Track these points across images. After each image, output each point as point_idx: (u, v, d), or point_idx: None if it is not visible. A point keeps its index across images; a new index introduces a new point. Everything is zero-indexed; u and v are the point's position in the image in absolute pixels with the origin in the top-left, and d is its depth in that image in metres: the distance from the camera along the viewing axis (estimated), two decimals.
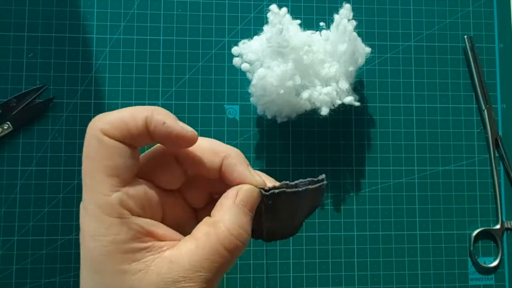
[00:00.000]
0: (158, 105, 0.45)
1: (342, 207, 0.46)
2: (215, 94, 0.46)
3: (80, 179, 0.44)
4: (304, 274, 0.45)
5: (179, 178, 0.28)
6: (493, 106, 0.48)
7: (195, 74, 0.46)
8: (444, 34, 0.49)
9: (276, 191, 0.28)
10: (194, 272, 0.24)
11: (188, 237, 0.25)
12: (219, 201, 0.27)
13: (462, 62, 0.49)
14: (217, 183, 0.28)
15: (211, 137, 0.45)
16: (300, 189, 0.28)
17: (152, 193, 0.26)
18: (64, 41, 0.45)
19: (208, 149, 0.28)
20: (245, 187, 0.27)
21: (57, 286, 0.43)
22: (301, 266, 0.45)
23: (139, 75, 0.46)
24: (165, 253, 0.24)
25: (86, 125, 0.26)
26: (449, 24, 0.49)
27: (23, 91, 0.44)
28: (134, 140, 0.25)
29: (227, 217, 0.25)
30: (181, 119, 0.45)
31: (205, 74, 0.46)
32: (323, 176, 0.28)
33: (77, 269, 0.43)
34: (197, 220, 0.28)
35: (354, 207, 0.46)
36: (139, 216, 0.25)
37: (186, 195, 0.29)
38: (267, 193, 0.27)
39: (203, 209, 0.30)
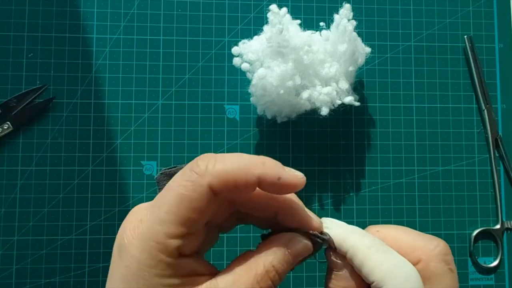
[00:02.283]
0: (158, 105, 0.45)
1: (342, 207, 0.46)
2: (215, 94, 0.46)
3: (80, 179, 0.44)
4: (304, 274, 0.45)
5: (226, 215, 0.28)
6: (493, 106, 0.48)
7: (195, 74, 0.46)
8: (444, 34, 0.49)
9: (318, 238, 0.28)
10: None
11: (225, 270, 0.26)
12: (271, 238, 0.27)
13: (462, 62, 0.49)
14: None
15: (211, 137, 0.45)
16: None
17: (203, 235, 0.26)
18: (64, 41, 0.45)
19: (264, 193, 0.27)
20: (302, 241, 0.27)
21: (57, 286, 0.43)
22: (301, 266, 0.45)
23: (139, 75, 0.46)
24: (203, 285, 0.24)
25: (86, 125, 0.26)
26: (449, 24, 0.49)
27: (23, 91, 0.44)
28: (233, 195, 0.25)
29: (270, 259, 0.25)
30: (181, 119, 0.46)
31: (205, 74, 0.46)
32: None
33: (77, 269, 0.43)
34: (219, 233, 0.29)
35: (354, 207, 0.46)
36: (187, 256, 0.25)
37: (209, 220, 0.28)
38: (319, 244, 0.28)
39: (228, 227, 0.30)
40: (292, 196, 0.28)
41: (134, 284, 0.24)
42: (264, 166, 0.24)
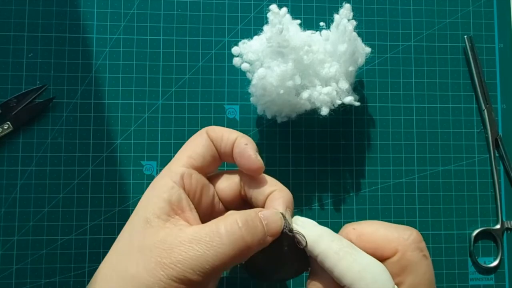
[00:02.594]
0: (158, 105, 0.45)
1: (342, 207, 0.46)
2: (215, 94, 0.46)
3: (80, 179, 0.44)
4: (304, 274, 0.45)
5: (236, 191, 0.35)
6: (493, 106, 0.48)
7: (195, 74, 0.46)
8: (444, 34, 0.49)
9: (296, 233, 0.31)
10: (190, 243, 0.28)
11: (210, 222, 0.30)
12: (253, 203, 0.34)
13: (462, 62, 0.49)
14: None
15: None
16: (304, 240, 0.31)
17: (206, 188, 0.34)
18: (64, 41, 0.45)
19: (268, 180, 0.35)
20: (276, 213, 0.31)
21: (57, 286, 0.43)
22: None
23: (139, 75, 0.46)
24: (187, 228, 0.29)
25: (86, 125, 0.27)
26: (449, 24, 0.49)
27: (23, 91, 0.44)
28: (220, 147, 0.34)
29: (238, 215, 0.30)
30: (181, 119, 0.46)
31: (205, 74, 0.46)
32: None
33: (77, 269, 0.43)
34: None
35: (354, 207, 0.46)
36: (185, 191, 0.31)
37: (218, 187, 0.36)
38: (288, 231, 0.31)
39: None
40: (285, 193, 0.34)
41: (139, 208, 0.31)
42: (242, 135, 0.34)
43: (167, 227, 0.29)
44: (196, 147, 0.33)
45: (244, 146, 0.33)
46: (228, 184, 0.35)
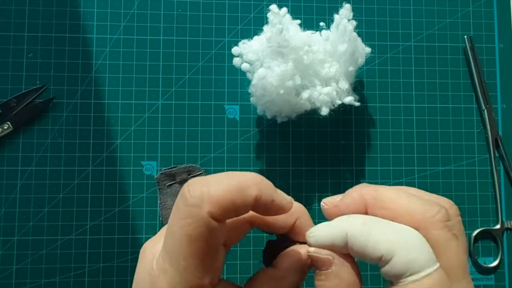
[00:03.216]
0: (158, 105, 0.45)
1: None
2: (215, 94, 0.46)
3: (80, 179, 0.44)
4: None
5: (244, 235, 0.28)
6: (493, 106, 0.48)
7: (195, 74, 0.46)
8: (444, 34, 0.49)
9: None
10: None
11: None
12: (286, 255, 0.27)
13: (462, 62, 0.49)
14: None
15: (211, 137, 0.45)
16: None
17: (224, 254, 0.26)
18: (64, 41, 0.45)
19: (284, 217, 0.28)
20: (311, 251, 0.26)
21: (57, 286, 0.43)
22: None
23: (139, 75, 0.46)
24: None
25: (86, 125, 0.26)
26: (449, 24, 0.49)
27: (23, 91, 0.44)
28: (235, 216, 0.24)
29: (292, 276, 0.26)
30: (181, 119, 0.46)
31: (205, 74, 0.46)
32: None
33: (77, 269, 0.43)
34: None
35: None
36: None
37: (228, 241, 0.28)
38: None
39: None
40: (306, 214, 0.29)
41: None
42: (259, 187, 0.24)
43: None
44: (207, 246, 0.23)
45: (273, 204, 0.25)
46: (238, 233, 0.28)
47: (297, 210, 0.28)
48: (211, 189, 0.23)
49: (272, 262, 0.27)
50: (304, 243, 0.27)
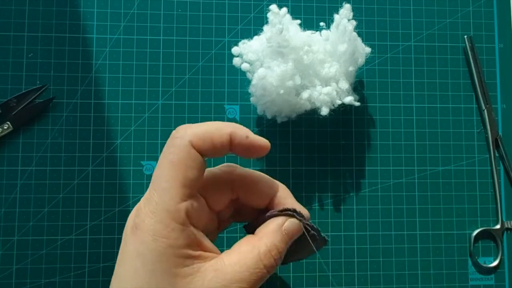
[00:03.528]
0: (158, 105, 0.45)
1: (342, 207, 0.46)
2: (215, 94, 0.46)
3: (80, 179, 0.44)
4: (304, 274, 0.45)
5: (227, 202, 0.32)
6: (493, 106, 0.48)
7: (195, 74, 0.46)
8: (444, 34, 0.49)
9: (315, 233, 0.32)
10: (235, 282, 0.26)
11: (230, 250, 0.28)
12: (266, 223, 0.30)
13: (462, 62, 0.49)
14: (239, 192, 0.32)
15: None
16: (325, 237, 0.33)
17: (206, 209, 0.30)
18: (64, 41, 0.45)
19: (265, 181, 0.32)
20: (293, 221, 0.30)
21: (57, 286, 0.43)
22: (301, 266, 0.45)
23: (139, 75, 0.46)
24: (211, 262, 0.27)
25: (86, 125, 0.27)
26: (449, 24, 0.49)
27: (23, 91, 0.44)
28: (214, 153, 0.28)
29: (271, 239, 0.29)
30: (181, 119, 0.46)
31: (205, 74, 0.46)
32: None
33: (77, 269, 0.43)
34: (219, 228, 0.33)
35: (354, 207, 0.46)
36: (194, 226, 0.27)
37: (209, 199, 0.31)
38: (308, 231, 0.31)
39: (226, 220, 0.34)
40: (285, 189, 0.33)
41: (148, 256, 0.26)
42: (234, 126, 0.29)
43: (199, 275, 0.26)
44: (186, 171, 0.27)
45: (248, 140, 0.29)
46: (220, 195, 0.31)
47: (276, 183, 0.32)
48: (193, 127, 0.28)
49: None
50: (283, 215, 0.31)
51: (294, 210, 0.31)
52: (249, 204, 0.32)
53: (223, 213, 0.32)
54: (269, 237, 0.29)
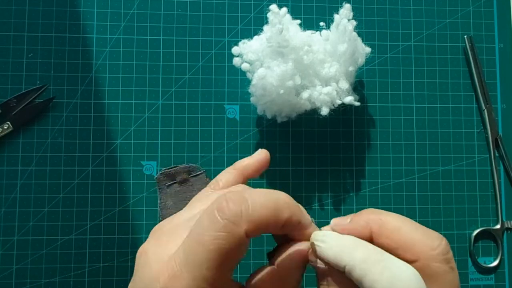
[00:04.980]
0: (158, 105, 0.45)
1: (342, 207, 0.46)
2: (215, 94, 0.46)
3: (80, 179, 0.44)
4: (304, 274, 0.44)
5: None
6: (493, 106, 0.48)
7: (195, 74, 0.46)
8: (444, 34, 0.49)
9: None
10: None
11: None
12: (288, 254, 0.28)
13: (462, 62, 0.49)
14: None
15: (211, 137, 0.45)
16: None
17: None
18: (64, 41, 0.45)
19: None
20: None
21: (57, 286, 0.43)
22: None
23: (139, 75, 0.46)
24: None
25: (86, 125, 0.27)
26: (449, 24, 0.49)
27: (23, 91, 0.44)
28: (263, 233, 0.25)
29: (294, 274, 0.28)
30: (181, 119, 0.46)
31: (205, 74, 0.46)
32: None
33: (77, 269, 0.43)
34: None
35: (354, 207, 0.46)
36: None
37: None
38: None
39: None
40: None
41: None
42: (291, 209, 0.25)
43: None
44: (234, 261, 0.24)
45: (298, 225, 0.26)
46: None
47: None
48: (250, 209, 0.24)
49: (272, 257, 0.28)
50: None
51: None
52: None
53: None
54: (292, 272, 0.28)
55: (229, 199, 0.24)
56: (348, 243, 0.26)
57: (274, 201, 0.25)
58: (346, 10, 0.42)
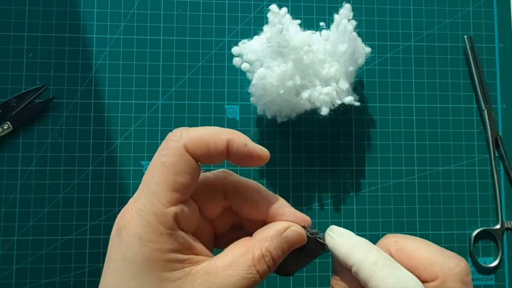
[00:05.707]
0: (158, 105, 0.45)
1: (342, 207, 0.46)
2: (215, 94, 0.46)
3: (80, 179, 0.44)
4: (304, 274, 0.45)
5: (219, 209, 0.30)
6: (493, 106, 0.48)
7: (195, 74, 0.46)
8: (444, 34, 0.49)
9: (320, 239, 0.30)
10: (226, 286, 0.25)
11: (223, 252, 0.27)
12: (267, 226, 0.28)
13: (462, 62, 0.49)
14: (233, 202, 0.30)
15: None
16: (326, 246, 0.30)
17: (198, 215, 0.28)
18: (64, 41, 0.45)
19: (258, 191, 0.29)
20: (296, 228, 0.28)
21: (57, 286, 0.43)
22: None
23: (139, 75, 0.46)
24: (202, 264, 0.26)
25: (86, 125, 0.27)
26: (449, 24, 0.49)
27: (23, 91, 0.44)
28: (209, 159, 0.27)
29: (267, 244, 0.27)
30: (181, 119, 0.46)
31: (205, 74, 0.46)
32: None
33: (77, 269, 0.43)
34: (219, 242, 0.31)
35: (354, 207, 0.46)
36: (184, 231, 0.26)
37: (201, 205, 0.29)
38: (311, 238, 0.29)
39: (226, 233, 0.32)
40: (281, 199, 0.30)
41: (135, 261, 0.25)
42: (232, 133, 0.27)
43: (189, 279, 0.25)
44: (177, 174, 0.26)
45: (246, 148, 0.27)
46: (213, 201, 0.29)
47: (270, 194, 0.30)
48: (189, 131, 0.27)
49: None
50: None
51: (309, 230, 0.29)
52: (243, 214, 0.30)
53: (219, 222, 0.31)
54: (265, 241, 0.27)
55: (174, 130, 0.27)
56: (363, 244, 0.27)
57: (215, 127, 0.27)
58: (346, 10, 0.42)
